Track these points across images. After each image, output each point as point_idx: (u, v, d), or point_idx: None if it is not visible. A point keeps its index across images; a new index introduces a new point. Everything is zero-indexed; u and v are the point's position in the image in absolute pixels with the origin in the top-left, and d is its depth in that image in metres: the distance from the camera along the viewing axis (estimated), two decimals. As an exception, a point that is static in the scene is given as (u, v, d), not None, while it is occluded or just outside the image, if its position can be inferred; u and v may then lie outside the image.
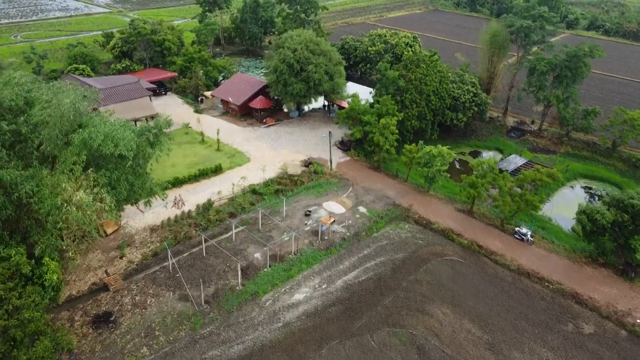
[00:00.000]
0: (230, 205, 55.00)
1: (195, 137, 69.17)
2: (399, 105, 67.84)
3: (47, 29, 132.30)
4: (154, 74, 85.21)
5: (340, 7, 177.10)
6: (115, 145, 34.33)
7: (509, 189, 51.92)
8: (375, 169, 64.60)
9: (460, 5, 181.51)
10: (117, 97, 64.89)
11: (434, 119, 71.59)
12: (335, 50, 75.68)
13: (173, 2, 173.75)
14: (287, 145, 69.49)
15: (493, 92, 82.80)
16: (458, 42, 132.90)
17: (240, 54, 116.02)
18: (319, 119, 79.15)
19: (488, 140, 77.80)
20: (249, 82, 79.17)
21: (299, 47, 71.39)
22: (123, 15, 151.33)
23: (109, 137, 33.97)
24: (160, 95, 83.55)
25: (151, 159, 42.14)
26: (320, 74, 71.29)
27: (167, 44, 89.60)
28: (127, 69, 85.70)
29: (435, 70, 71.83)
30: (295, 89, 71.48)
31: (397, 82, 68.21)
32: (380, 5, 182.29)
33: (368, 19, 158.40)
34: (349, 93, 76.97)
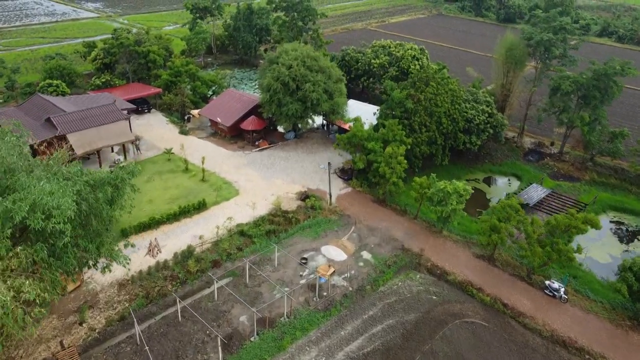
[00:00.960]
0: (214, 251, 47.58)
1: (178, 165, 61.70)
2: (407, 129, 60.44)
3: (30, 35, 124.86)
4: (136, 89, 77.74)
5: (340, 11, 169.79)
6: (47, 217, 26.57)
7: (537, 235, 44.51)
8: (381, 203, 57.21)
9: (464, 10, 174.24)
10: (90, 121, 57.44)
11: (445, 143, 64.19)
12: (335, 66, 68.23)
13: (165, 6, 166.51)
14: (281, 173, 62.04)
15: (508, 111, 75.40)
16: (465, 50, 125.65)
17: (233, 64, 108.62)
18: (317, 140, 71.70)
19: (504, 164, 70.42)
20: (240, 100, 71.71)
21: (295, 64, 63.96)
22: (112, 20, 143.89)
23: (39, 206, 26.17)
24: (142, 113, 76.10)
25: (111, 216, 34.34)
26: (319, 93, 63.90)
27: (151, 56, 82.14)
28: (107, 84, 78.26)
29: (447, 89, 64.45)
30: (290, 110, 64.08)
31: (405, 104, 60.82)
32: (382, 10, 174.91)
33: (369, 25, 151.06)
34: (350, 113, 69.68)
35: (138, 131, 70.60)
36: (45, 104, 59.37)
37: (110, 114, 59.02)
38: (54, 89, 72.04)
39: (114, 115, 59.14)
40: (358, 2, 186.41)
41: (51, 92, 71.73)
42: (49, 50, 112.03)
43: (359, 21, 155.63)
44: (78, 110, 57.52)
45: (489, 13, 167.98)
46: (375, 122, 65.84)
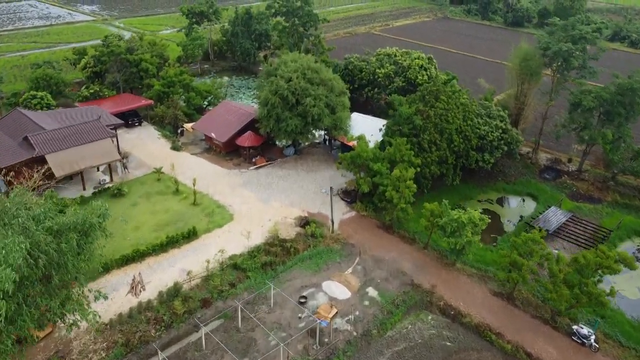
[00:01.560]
0: (204, 288, 43.04)
1: (168, 186, 57.13)
2: (416, 147, 55.80)
3: (21, 40, 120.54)
4: (126, 101, 73.22)
5: (343, 14, 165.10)
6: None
7: (564, 274, 39.84)
8: (387, 230, 52.57)
9: (470, 13, 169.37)
10: (71, 139, 52.89)
11: (457, 162, 59.51)
12: (337, 79, 63.57)
13: (164, 9, 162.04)
14: (279, 195, 57.44)
15: (522, 124, 70.69)
16: (472, 56, 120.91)
17: (231, 71, 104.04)
18: (318, 156, 67.08)
19: (518, 182, 65.71)
20: (236, 113, 67.14)
21: (295, 76, 59.37)
22: (108, 24, 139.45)
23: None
24: (133, 127, 71.57)
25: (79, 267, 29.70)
26: (320, 107, 59.29)
27: (144, 64, 77.62)
28: (96, 95, 73.74)
29: (458, 103, 59.82)
30: (290, 126, 59.49)
31: (413, 120, 56.18)
32: (386, 13, 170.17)
33: (373, 28, 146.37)
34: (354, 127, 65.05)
35: (127, 146, 66.15)
36: (24, 120, 54.92)
37: (94, 132, 54.49)
38: (38, 102, 67.58)
39: (98, 132, 54.60)
40: (361, 5, 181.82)
41: (35, 104, 67.32)
42: (40, 56, 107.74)
43: (363, 25, 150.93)
44: (58, 128, 53.00)
45: (496, 16, 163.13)
46: (380, 137, 61.28)
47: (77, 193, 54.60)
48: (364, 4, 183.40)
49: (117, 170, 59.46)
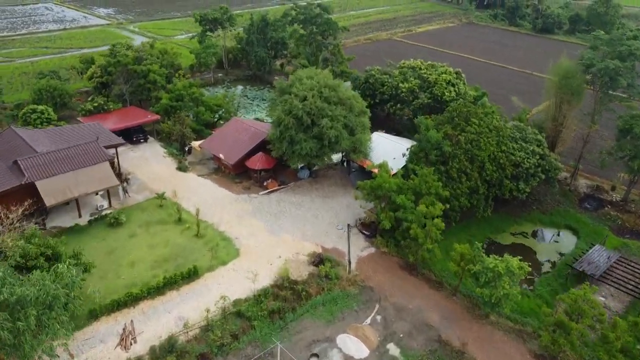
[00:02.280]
0: (203, 340, 38.02)
1: (170, 214, 52.27)
2: (444, 177, 50.12)
3: (33, 44, 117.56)
4: (132, 116, 68.76)
5: (364, 19, 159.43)
6: None
7: (621, 343, 33.83)
8: (411, 270, 46.96)
9: (497, 18, 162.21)
10: (65, 164, 48.41)
11: (489, 192, 53.62)
12: (357, 97, 58.13)
13: (180, 12, 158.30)
14: (291, 225, 52.20)
15: (559, 147, 64.39)
16: (499, 65, 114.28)
17: (245, 80, 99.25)
18: (335, 180, 61.69)
19: (555, 212, 59.49)
20: (247, 132, 62.14)
21: (310, 95, 54.09)
22: (122, 28, 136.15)
23: None
24: (138, 143, 67.10)
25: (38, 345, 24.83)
26: (338, 129, 53.93)
27: (151, 76, 73.14)
28: (100, 109, 69.44)
29: (491, 126, 53.94)
30: (304, 149, 54.25)
31: (442, 146, 50.49)
32: (408, 18, 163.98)
33: (395, 35, 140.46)
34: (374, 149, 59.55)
35: (130, 166, 61.68)
36: (16, 141, 50.69)
37: (91, 154, 49.94)
38: (38, 116, 63.47)
39: (95, 155, 50.04)
40: (382, 9, 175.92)
41: (35, 119, 63.24)
42: (50, 62, 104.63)
43: (384, 30, 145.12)
44: (51, 151, 48.52)
45: (524, 22, 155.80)
46: (404, 161, 55.73)
47: (72, 221, 50.16)
48: (385, 8, 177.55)
49: (119, 194, 54.89)
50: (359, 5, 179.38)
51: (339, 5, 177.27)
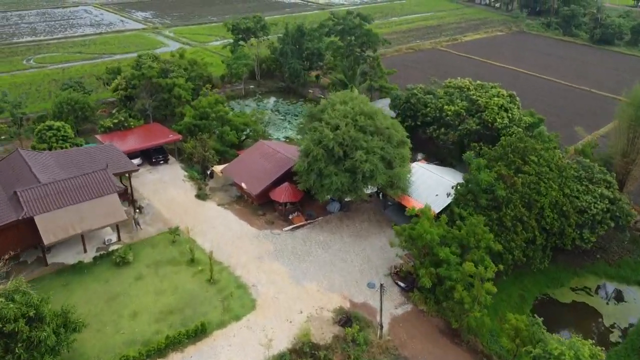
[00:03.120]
0: (205, 421, 32.39)
1: (183, 252, 46.96)
2: (496, 225, 42.96)
3: (67, 49, 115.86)
4: (153, 134, 64.20)
5: (406, 26, 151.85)
6: None
7: None
8: (454, 337, 40.07)
9: (550, 27, 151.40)
10: (68, 196, 43.80)
11: (547, 242, 46.05)
12: (397, 125, 51.45)
13: (217, 17, 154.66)
14: (317, 271, 46.07)
15: (629, 186, 55.92)
16: (554, 80, 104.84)
17: (278, 92, 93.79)
18: (369, 216, 55.19)
19: (624, 264, 51.29)
20: (273, 158, 56.41)
21: (343, 123, 47.83)
22: (157, 33, 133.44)
23: None
24: (157, 164, 62.43)
25: None
26: (373, 163, 47.45)
27: (177, 90, 68.50)
28: (120, 125, 65.15)
29: (553, 165, 46.34)
30: (334, 183, 48.05)
31: (494, 190, 43.33)
32: (453, 25, 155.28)
33: (439, 44, 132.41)
34: (414, 183, 52.76)
35: (147, 191, 57.02)
36: (21, 167, 46.53)
37: (98, 185, 45.20)
38: (54, 134, 59.54)
39: (103, 186, 45.27)
40: (426, 15, 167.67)
41: (50, 137, 59.34)
42: (81, 69, 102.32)
43: (427, 39, 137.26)
44: (54, 181, 43.93)
45: (581, 32, 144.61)
46: (448, 198, 48.81)
47: (76, 256, 45.62)
48: (429, 14, 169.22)
49: (133, 225, 50.12)
50: (402, 11, 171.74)
51: (381, 10, 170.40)
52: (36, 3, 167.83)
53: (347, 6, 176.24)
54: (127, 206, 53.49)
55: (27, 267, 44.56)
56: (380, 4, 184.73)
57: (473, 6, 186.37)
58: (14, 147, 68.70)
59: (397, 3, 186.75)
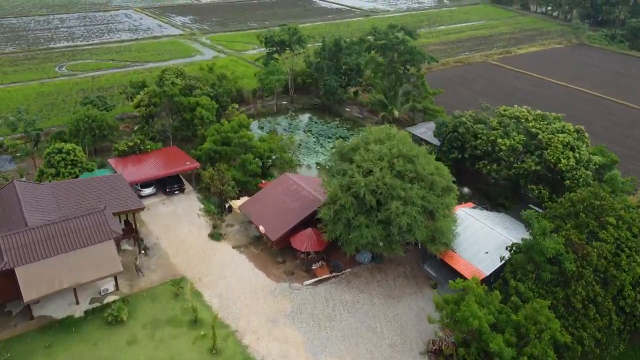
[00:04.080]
0: None
1: (186, 310, 40.72)
2: (562, 306, 34.60)
3: (101, 56, 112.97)
4: (169, 160, 58.53)
5: (455, 35, 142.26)
6: None
7: None
8: None
9: (615, 40, 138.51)
10: (57, 243, 38.26)
11: (625, 326, 37.21)
12: (442, 169, 43.39)
13: (257, 23, 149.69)
14: (339, 344, 38.83)
15: None
16: (622, 102, 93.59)
17: (313, 110, 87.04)
18: (404, 270, 47.48)
19: None
20: (297, 196, 49.56)
21: (378, 168, 40.42)
22: (194, 39, 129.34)
23: None
24: (172, 194, 56.73)
25: None
26: (411, 215, 39.80)
27: (199, 111, 62.74)
28: (136, 149, 59.84)
29: (636, 230, 37.47)
30: (365, 237, 40.76)
31: (561, 262, 34.96)
32: (506, 36, 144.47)
33: (490, 57, 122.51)
34: (460, 235, 44.75)
35: (156, 226, 51.34)
36: (13, 203, 41.46)
37: (93, 230, 39.55)
38: (62, 157, 54.68)
39: (98, 231, 39.58)
40: (476, 24, 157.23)
41: (58, 161, 54.51)
42: (111, 78, 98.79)
43: (478, 51, 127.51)
44: (42, 226, 38.50)
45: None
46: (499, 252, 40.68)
47: (66, 309, 40.14)
48: (479, 23, 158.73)
49: (134, 270, 44.42)
50: (450, 19, 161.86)
51: (428, 18, 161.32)
52: (80, 6, 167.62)
53: (392, 13, 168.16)
54: (132, 245, 48.00)
55: (11, 319, 39.38)
56: (428, 10, 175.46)
57: (528, 14, 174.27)
58: (27, 166, 65.14)
59: (445, 10, 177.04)
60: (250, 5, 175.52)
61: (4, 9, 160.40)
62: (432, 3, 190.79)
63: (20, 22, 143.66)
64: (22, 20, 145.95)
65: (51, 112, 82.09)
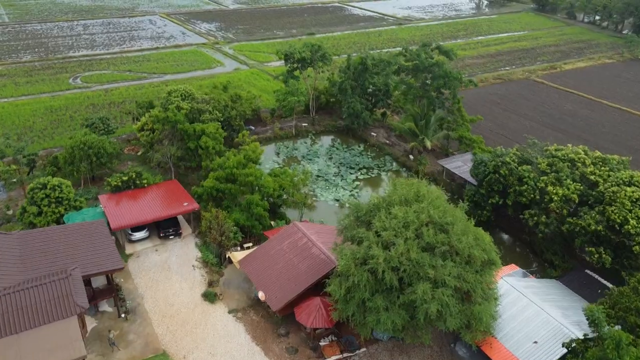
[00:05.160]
0: None
1: (162, 401, 33.62)
2: None
3: (119, 67, 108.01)
4: (167, 199, 51.65)
5: (494, 47, 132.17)
6: None
7: None
8: None
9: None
10: (6, 320, 31.59)
11: None
12: (482, 238, 34.78)
13: (284, 31, 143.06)
14: None
15: None
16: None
17: (336, 133, 79.35)
18: (430, 354, 39.20)
19: None
20: (306, 255, 41.79)
21: (402, 240, 32.31)
22: (216, 49, 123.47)
23: None
24: (167, 238, 49.90)
25: None
26: (442, 300, 31.57)
27: (204, 140, 55.87)
28: (130, 183, 53.25)
29: None
30: (383, 322, 32.77)
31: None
32: (551, 48, 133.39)
33: (534, 73, 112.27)
34: (502, 314, 36.27)
35: (144, 281, 44.52)
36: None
37: (54, 303, 32.79)
38: (46, 194, 48.51)
39: (58, 306, 32.78)
40: (518, 35, 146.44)
41: (41, 198, 48.41)
42: (125, 92, 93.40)
43: (519, 65, 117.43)
44: None
45: None
46: (557, 344, 32.07)
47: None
48: (521, 34, 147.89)
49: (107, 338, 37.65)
50: (489, 29, 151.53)
51: (465, 28, 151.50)
52: (106, 11, 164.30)
53: (427, 21, 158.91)
54: (112, 306, 41.24)
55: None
56: (465, 19, 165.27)
57: (575, 24, 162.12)
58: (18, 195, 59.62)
59: (484, 19, 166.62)
60: (279, 11, 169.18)
61: (32, 13, 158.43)
62: (470, 11, 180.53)
63: (43, 28, 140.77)
64: (46, 26, 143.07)
65: (56, 131, 76.84)
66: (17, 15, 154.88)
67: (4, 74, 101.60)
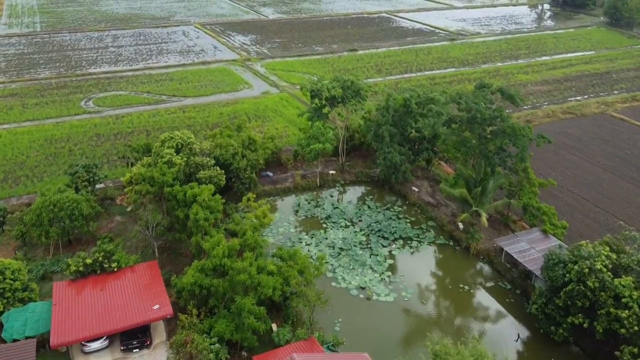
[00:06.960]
0: None
1: None
2: None
3: (138, 86, 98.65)
4: (136, 299, 39.75)
5: (561, 71, 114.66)
6: None
7: None
8: None
9: None
10: None
11: None
12: None
13: (323, 47, 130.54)
14: None
15: None
16: None
17: (367, 183, 66.05)
18: None
19: None
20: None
21: None
22: (247, 67, 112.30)
23: None
24: (130, 351, 38.05)
25: None
26: None
27: (194, 210, 43.92)
28: (96, 267, 41.82)
29: None
30: None
31: None
32: (630, 73, 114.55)
33: (611, 106, 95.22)
34: None
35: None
36: None
37: None
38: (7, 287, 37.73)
39: None
40: (589, 55, 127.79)
41: None
42: (137, 119, 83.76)
43: (593, 95, 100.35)
44: None
45: None
46: None
47: None
48: (592, 54, 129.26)
49: None
50: (555, 48, 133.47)
51: (527, 45, 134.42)
52: (140, 20, 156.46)
53: (483, 36, 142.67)
54: None
55: None
56: (526, 34, 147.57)
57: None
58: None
59: (548, 34, 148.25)
60: (320, 22, 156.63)
61: (65, 22, 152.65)
62: (532, 24, 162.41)
63: (72, 38, 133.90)
64: (76, 36, 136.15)
65: (48, 169, 67.33)
66: (50, 24, 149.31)
67: (16, 92, 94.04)
